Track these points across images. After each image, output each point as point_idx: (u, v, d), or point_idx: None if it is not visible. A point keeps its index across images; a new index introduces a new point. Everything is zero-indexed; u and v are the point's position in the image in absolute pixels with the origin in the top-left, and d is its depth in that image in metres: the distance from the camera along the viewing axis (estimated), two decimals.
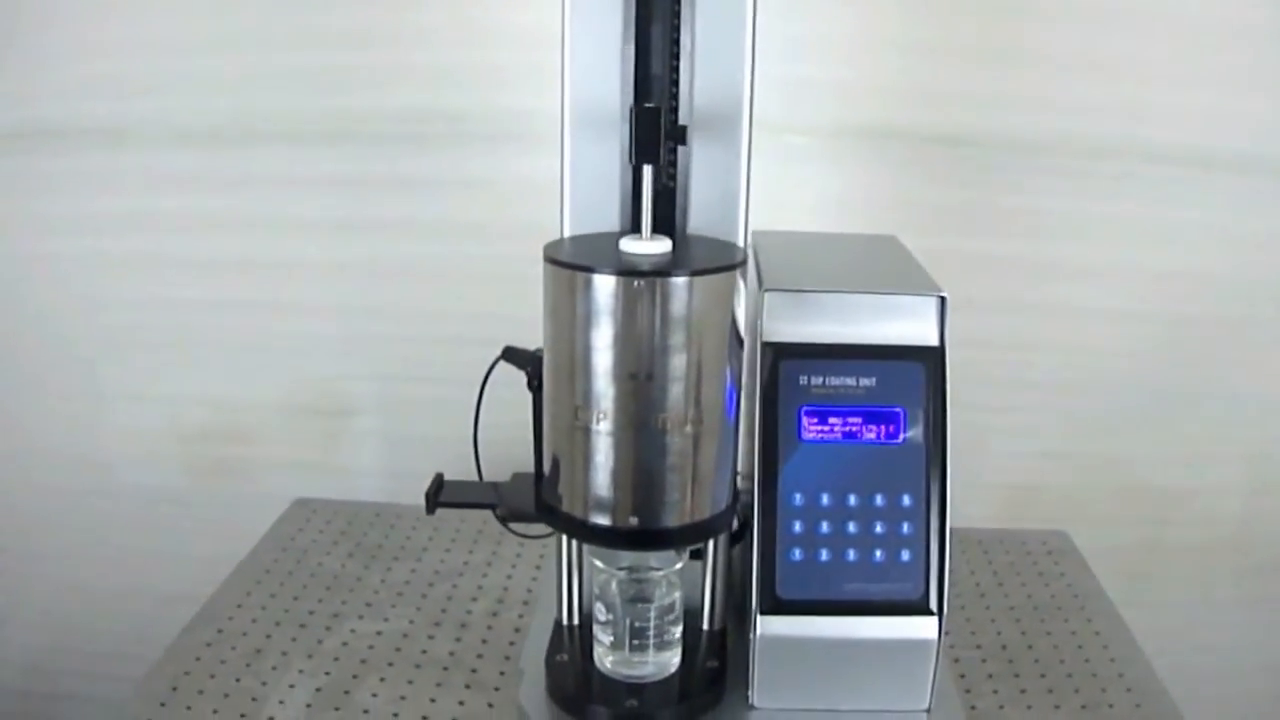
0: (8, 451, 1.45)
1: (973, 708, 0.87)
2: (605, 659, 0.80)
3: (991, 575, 1.07)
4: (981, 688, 0.90)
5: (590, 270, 0.69)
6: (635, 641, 0.79)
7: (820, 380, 0.77)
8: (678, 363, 0.70)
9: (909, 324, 0.78)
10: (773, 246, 0.90)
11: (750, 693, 0.79)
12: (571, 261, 0.70)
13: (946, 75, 1.23)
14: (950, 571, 1.06)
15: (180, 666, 0.90)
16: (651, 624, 0.78)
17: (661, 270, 0.69)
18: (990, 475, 1.36)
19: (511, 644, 0.95)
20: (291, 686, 0.88)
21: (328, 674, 0.90)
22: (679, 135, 0.75)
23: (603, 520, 0.73)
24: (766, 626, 0.76)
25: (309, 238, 1.33)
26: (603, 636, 0.80)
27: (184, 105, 1.30)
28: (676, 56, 0.76)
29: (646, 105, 0.71)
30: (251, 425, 1.42)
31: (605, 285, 0.69)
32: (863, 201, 1.28)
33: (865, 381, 0.77)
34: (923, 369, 0.77)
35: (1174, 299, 1.28)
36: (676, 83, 0.77)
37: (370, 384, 1.40)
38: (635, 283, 0.68)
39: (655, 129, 0.70)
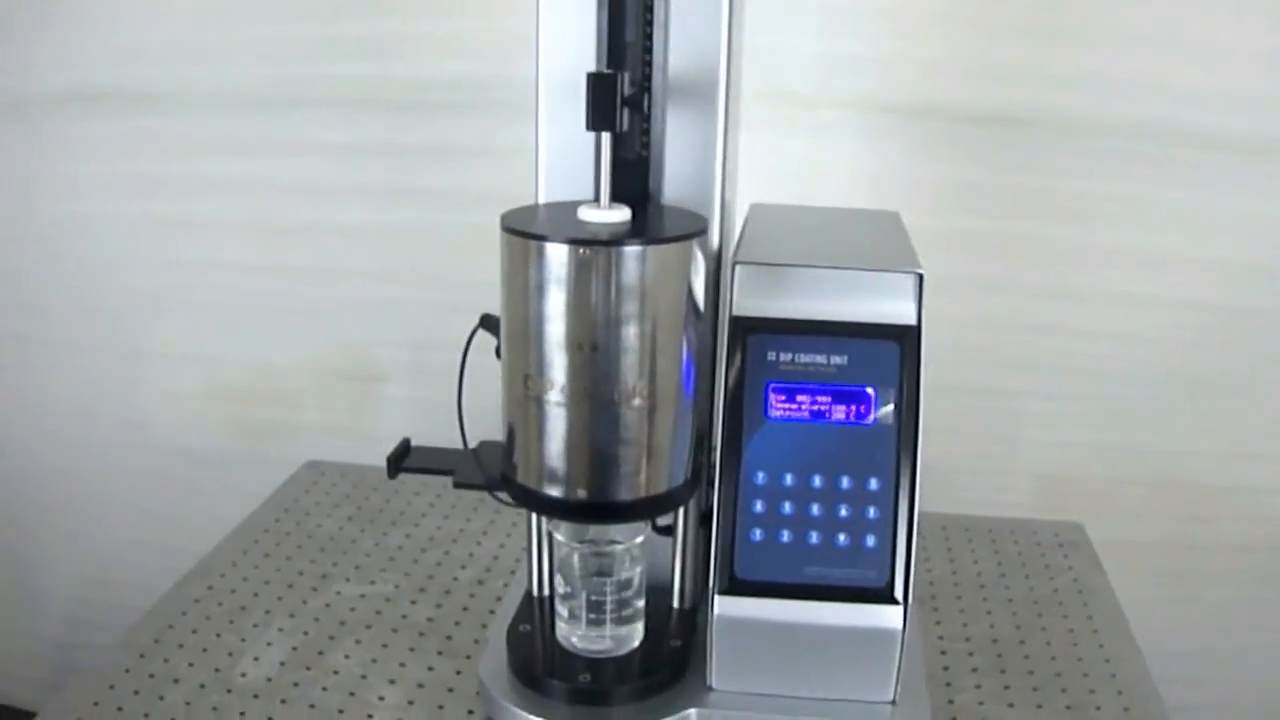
0: (46, 410, 1.50)
1: (950, 702, 0.84)
2: (565, 632, 0.80)
3: (995, 566, 1.04)
4: (963, 682, 0.87)
5: (540, 238, 0.68)
6: (593, 615, 0.78)
7: (789, 357, 0.75)
8: (628, 333, 0.69)
9: (885, 302, 0.75)
10: (765, 220, 0.87)
11: (709, 674, 0.77)
12: (521, 229, 0.69)
13: (986, 52, 1.20)
14: (952, 560, 1.05)
15: (165, 620, 0.92)
16: (609, 598, 0.77)
17: (613, 239, 0.68)
18: (1021, 464, 1.33)
19: (491, 612, 0.95)
20: (269, 644, 0.89)
21: (306, 634, 0.91)
22: (635, 103, 0.73)
23: (554, 492, 0.72)
24: (724, 607, 0.75)
25: (346, 204, 1.34)
26: (562, 609, 0.79)
27: (223, 72, 1.32)
28: (650, 24, 0.75)
29: (601, 72, 0.69)
30: (286, 388, 1.45)
31: (554, 253, 0.67)
32: (897, 178, 1.25)
33: (836, 359, 0.75)
34: (897, 348, 0.75)
35: (1218, 288, 1.22)
36: (650, 50, 0.75)
37: (402, 350, 1.42)
38: (582, 251, 0.67)
39: (611, 96, 0.68)
